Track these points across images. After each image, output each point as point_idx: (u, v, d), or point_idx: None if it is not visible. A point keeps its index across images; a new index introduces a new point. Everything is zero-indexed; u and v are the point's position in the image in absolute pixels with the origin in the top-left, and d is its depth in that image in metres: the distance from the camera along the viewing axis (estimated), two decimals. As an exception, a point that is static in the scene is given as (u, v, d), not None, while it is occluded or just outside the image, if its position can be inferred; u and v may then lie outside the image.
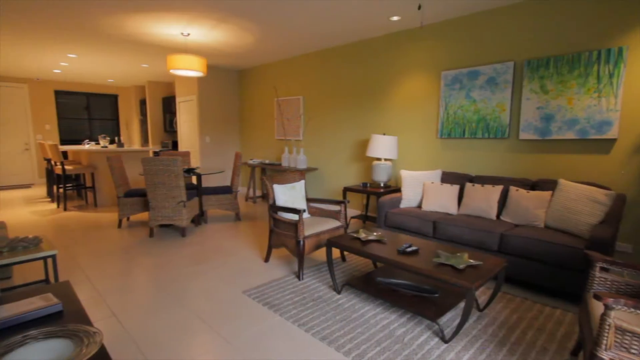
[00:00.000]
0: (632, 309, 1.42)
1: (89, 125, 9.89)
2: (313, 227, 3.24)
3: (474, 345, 2.17)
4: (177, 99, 7.93)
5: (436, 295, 2.49)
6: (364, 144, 5.28)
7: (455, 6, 3.79)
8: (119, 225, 4.83)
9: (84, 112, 9.79)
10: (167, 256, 3.70)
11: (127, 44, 5.42)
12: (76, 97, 9.60)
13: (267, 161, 6.64)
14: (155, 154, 8.51)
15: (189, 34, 4.91)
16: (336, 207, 5.89)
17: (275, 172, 6.64)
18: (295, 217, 3.33)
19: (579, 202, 2.92)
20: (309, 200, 3.75)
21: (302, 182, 3.72)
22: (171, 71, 4.76)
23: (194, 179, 6.32)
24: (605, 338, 1.48)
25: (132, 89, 9.97)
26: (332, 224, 3.42)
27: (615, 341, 1.48)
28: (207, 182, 7.50)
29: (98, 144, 8.15)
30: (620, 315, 1.67)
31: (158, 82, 9.21)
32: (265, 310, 2.57)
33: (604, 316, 1.48)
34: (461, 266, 2.26)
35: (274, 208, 3.31)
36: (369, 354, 2.06)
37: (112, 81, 9.33)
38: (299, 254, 3.08)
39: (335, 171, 5.77)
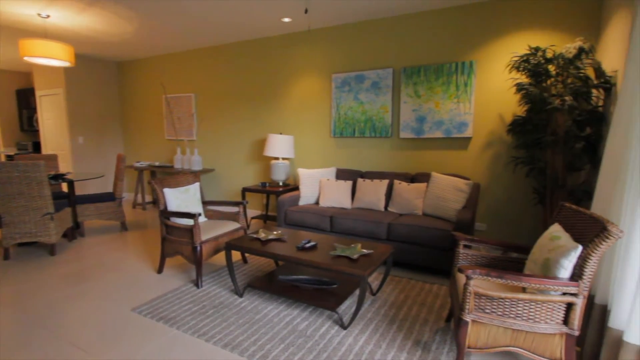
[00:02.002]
0: (485, 276, 1.73)
1: None
2: (210, 231, 3.10)
3: (369, 327, 2.37)
4: (37, 93, 6.67)
5: (335, 286, 2.64)
6: (262, 144, 5.26)
7: (339, 14, 4.04)
8: (-43, 249, 3.86)
9: None
10: (33, 281, 3.09)
11: (-42, 21, 4.34)
12: None
13: (157, 163, 6.09)
14: (9, 158, 7.03)
15: (48, 16, 4.17)
16: (235, 209, 5.74)
17: (167, 174, 6.13)
18: (190, 221, 3.14)
19: (447, 191, 3.42)
20: (205, 203, 3.57)
21: (197, 184, 3.52)
22: (26, 59, 3.98)
23: (65, 187, 5.41)
24: (468, 303, 1.78)
25: (-31, 78, 8.02)
26: (231, 226, 3.32)
27: (475, 305, 1.79)
28: (83, 190, 6.51)
29: None
30: (478, 283, 2.02)
31: (10, 71, 7.60)
32: (160, 326, 2.37)
33: (465, 285, 1.77)
34: (355, 256, 2.44)
35: (166, 214, 3.06)
36: (274, 352, 2.07)
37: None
38: (197, 260, 2.92)
39: (233, 172, 5.61)
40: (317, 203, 4.15)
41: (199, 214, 2.91)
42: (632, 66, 1.80)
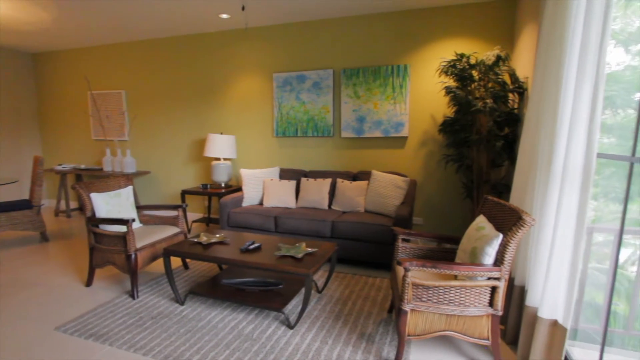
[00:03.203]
0: (421, 267, 1.85)
1: None
2: (146, 237, 2.91)
3: (315, 324, 2.40)
4: None
5: (281, 286, 2.63)
6: (202, 144, 5.06)
7: (276, 13, 4.02)
8: None
9: None
10: None
11: None
12: None
13: (82, 166, 5.56)
14: None
15: (-59, -1, 3.60)
16: (174, 213, 5.45)
17: (95, 178, 5.63)
18: (123, 228, 2.92)
19: (387, 188, 3.58)
20: (140, 207, 3.34)
21: (130, 187, 3.28)
22: None
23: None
24: (407, 294, 1.88)
25: None
26: (170, 231, 3.15)
27: (413, 294, 1.90)
28: (-10, 198, 5.72)
29: None
30: (415, 274, 2.15)
31: None
32: (90, 344, 2.17)
33: (404, 277, 1.87)
34: (300, 255, 2.45)
35: (94, 220, 2.81)
36: (219, 359, 2.01)
37: None
38: (131, 269, 2.72)
39: (171, 174, 5.32)
40: (261, 204, 4.09)
41: (133, 220, 2.72)
42: (538, 73, 2.04)
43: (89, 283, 2.98)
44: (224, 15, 4.09)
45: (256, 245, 2.67)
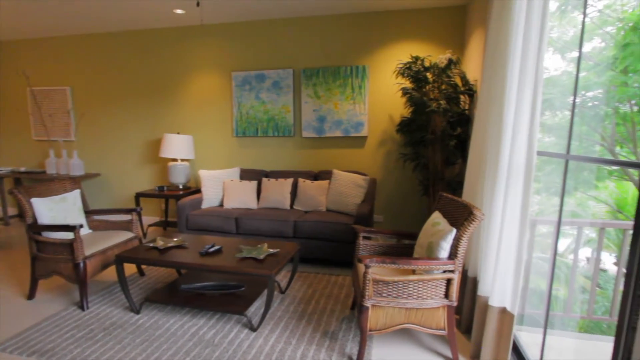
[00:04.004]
0: (381, 264, 1.90)
1: None
2: (97, 243, 2.74)
3: (279, 325, 2.39)
4: None
5: (242, 288, 2.59)
6: (157, 144, 4.84)
7: (232, 10, 3.92)
8: None
9: None
10: None
11: None
12: None
13: (22, 169, 5.11)
14: None
15: None
16: (128, 217, 5.17)
17: (37, 182, 5.20)
18: (69, 235, 2.72)
19: (348, 187, 3.64)
20: (89, 212, 3.14)
21: (77, 191, 3.07)
22: None
23: None
24: (368, 290, 1.92)
25: None
26: (123, 236, 2.99)
27: (374, 290, 1.95)
28: None
29: None
30: (375, 270, 2.20)
31: None
32: (33, 361, 2.01)
33: (365, 273, 1.91)
34: (262, 256, 2.43)
35: (36, 228, 2.60)
36: (177, 367, 1.94)
37: None
38: (80, 279, 2.55)
39: (124, 176, 5.04)
40: (221, 205, 4.00)
41: (81, 226, 2.54)
42: (485, 77, 2.17)
43: (31, 296, 2.75)
44: (179, 11, 3.95)
45: (216, 247, 2.60)
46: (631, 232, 1.21)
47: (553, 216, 2.68)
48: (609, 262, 3.55)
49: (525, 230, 1.79)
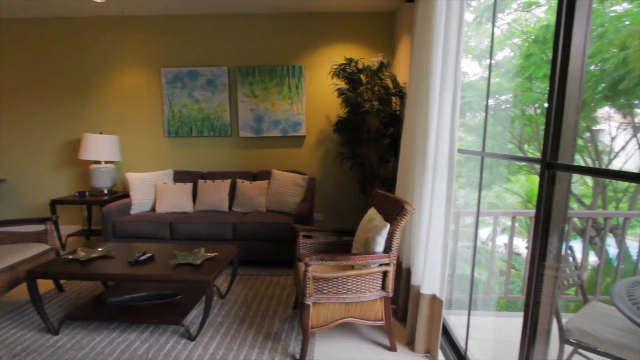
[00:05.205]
0: (320, 261, 1.94)
1: None
2: (1, 260, 2.41)
3: (219, 331, 2.31)
4: None
5: (179, 296, 2.46)
6: (76, 145, 4.38)
7: (156, 2, 3.70)
8: None
9: None
10: None
11: None
12: None
13: None
14: None
15: None
16: (41, 227, 4.61)
17: None
18: (-33, 252, 2.36)
19: (287, 186, 3.64)
20: (-9, 225, 2.74)
21: (-24, 201, 2.67)
22: None
23: None
24: (308, 288, 1.95)
25: None
26: (36, 249, 2.67)
27: (314, 288, 1.97)
28: None
29: None
30: (315, 268, 2.24)
31: None
32: None
33: (305, 272, 1.93)
34: (199, 262, 2.33)
35: None
36: (106, 388, 1.78)
37: None
38: (-19, 301, 2.22)
39: (36, 181, 4.48)
40: (153, 210, 3.75)
41: (-19, 241, 2.22)
42: (412, 80, 2.32)
43: None
44: None
45: (148, 255, 2.44)
46: (534, 219, 1.38)
47: (475, 208, 2.95)
48: (522, 246, 4.02)
49: (449, 222, 1.94)
